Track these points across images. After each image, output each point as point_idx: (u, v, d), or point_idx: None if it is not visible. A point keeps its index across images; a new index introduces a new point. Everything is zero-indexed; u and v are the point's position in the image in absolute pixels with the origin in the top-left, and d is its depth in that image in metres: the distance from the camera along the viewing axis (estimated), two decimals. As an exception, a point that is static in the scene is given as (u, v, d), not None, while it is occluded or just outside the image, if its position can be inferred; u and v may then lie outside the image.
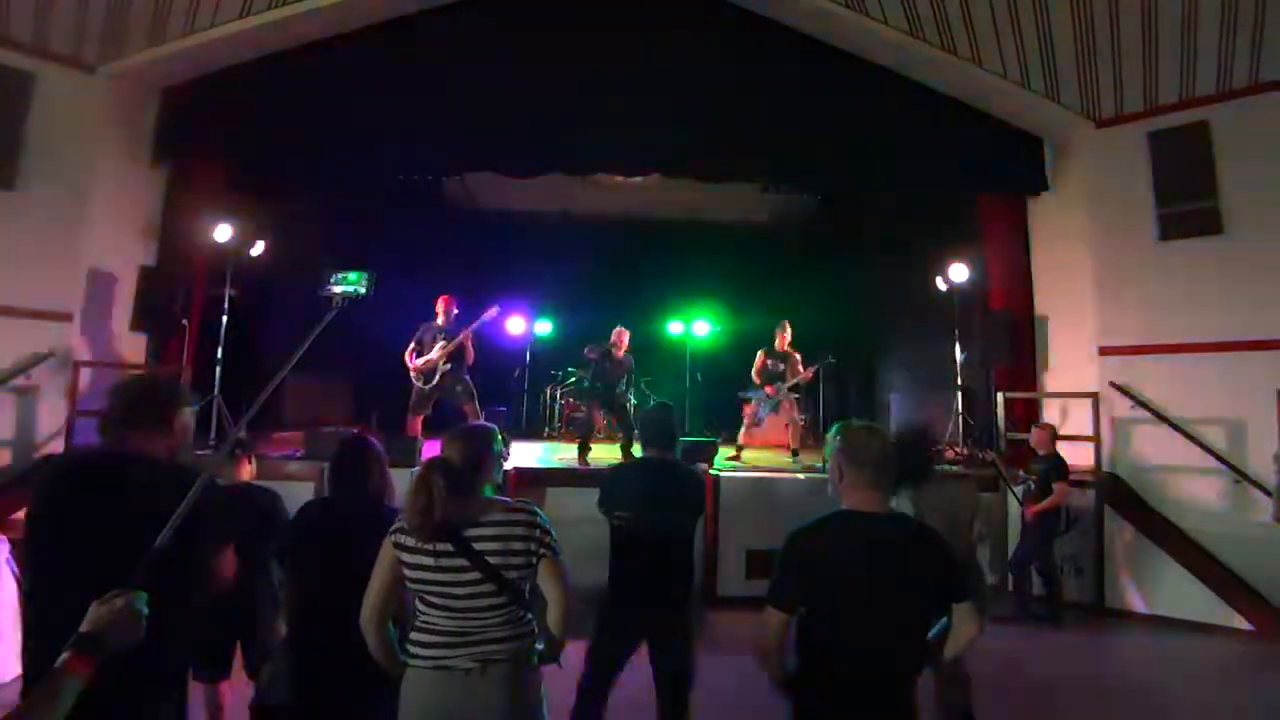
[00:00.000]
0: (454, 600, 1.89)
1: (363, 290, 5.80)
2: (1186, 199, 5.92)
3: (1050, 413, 6.57)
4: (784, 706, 1.84)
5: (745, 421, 6.96)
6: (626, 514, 2.81)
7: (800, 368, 6.84)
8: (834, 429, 1.93)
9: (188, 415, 1.85)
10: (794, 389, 6.84)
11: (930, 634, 1.86)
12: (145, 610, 1.32)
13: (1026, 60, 6.27)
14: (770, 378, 6.83)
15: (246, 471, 3.20)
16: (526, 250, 9.99)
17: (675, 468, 2.99)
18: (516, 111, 6.50)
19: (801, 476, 5.91)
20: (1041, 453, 5.48)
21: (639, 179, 7.84)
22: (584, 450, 6.53)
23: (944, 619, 1.87)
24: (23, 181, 5.62)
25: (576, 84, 6.52)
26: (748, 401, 7.00)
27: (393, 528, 1.98)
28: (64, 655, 1.21)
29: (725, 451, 6.72)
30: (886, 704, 1.75)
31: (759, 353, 6.97)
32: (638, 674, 2.83)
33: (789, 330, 6.99)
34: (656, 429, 3.04)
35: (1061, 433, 5.71)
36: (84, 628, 1.26)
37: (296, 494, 3.20)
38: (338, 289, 5.68)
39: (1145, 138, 6.13)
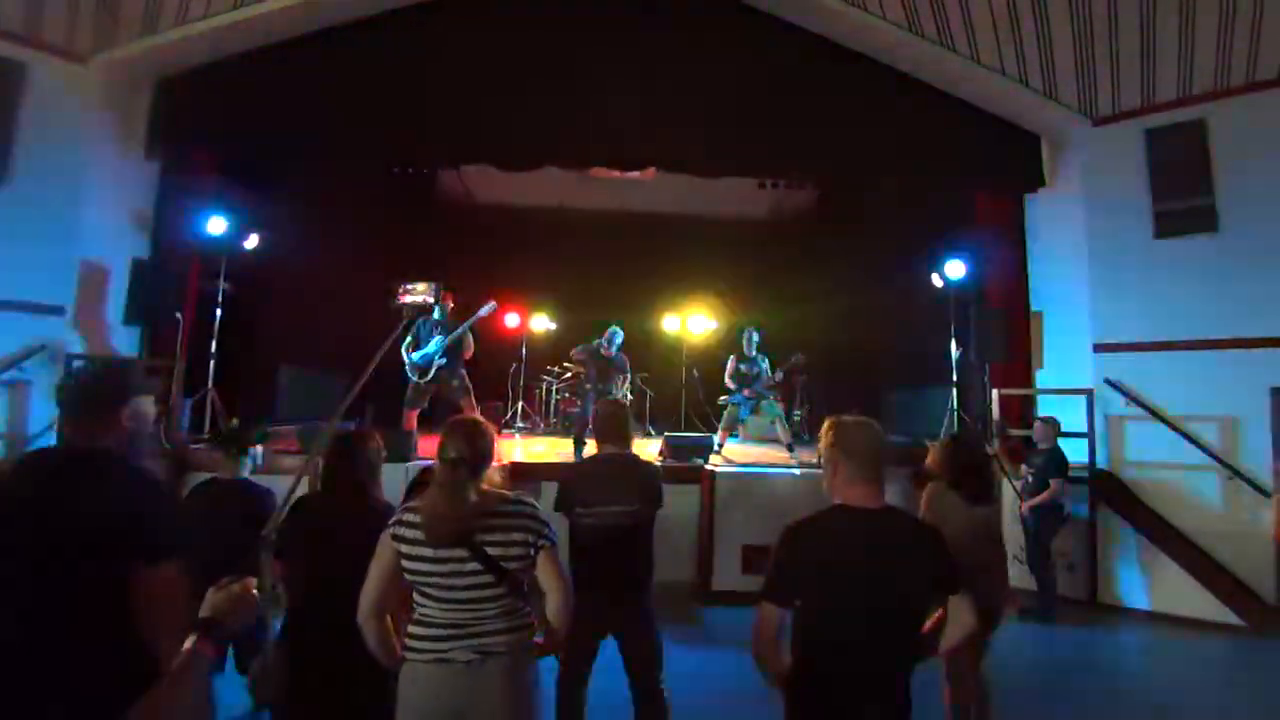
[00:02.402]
0: (453, 592, 1.89)
1: (431, 300, 5.82)
2: (1183, 196, 5.94)
3: (1044, 409, 6.58)
4: (779, 701, 1.85)
5: (724, 422, 7.07)
6: (587, 510, 2.84)
7: (768, 369, 6.99)
8: (827, 424, 1.93)
9: (138, 405, 1.76)
10: (770, 388, 6.99)
11: (925, 628, 1.87)
12: (257, 593, 1.39)
13: (1025, 57, 6.27)
14: (744, 381, 6.95)
15: (248, 467, 3.19)
16: (523, 245, 9.96)
17: (631, 461, 3.03)
18: (513, 105, 6.46)
19: (798, 472, 5.92)
20: (1042, 447, 5.50)
21: (636, 174, 7.82)
22: (579, 445, 6.53)
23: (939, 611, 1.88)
24: (14, 173, 5.56)
25: (573, 78, 6.48)
26: (727, 406, 7.13)
27: (393, 519, 1.97)
28: (191, 639, 1.28)
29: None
30: (881, 698, 1.76)
31: (730, 359, 7.13)
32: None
33: (755, 337, 7.14)
34: (610, 425, 3.06)
35: (1054, 429, 5.73)
36: (203, 613, 1.33)
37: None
38: (407, 299, 5.74)
39: (1142, 135, 6.14)
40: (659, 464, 5.21)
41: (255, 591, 1.39)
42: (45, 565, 1.41)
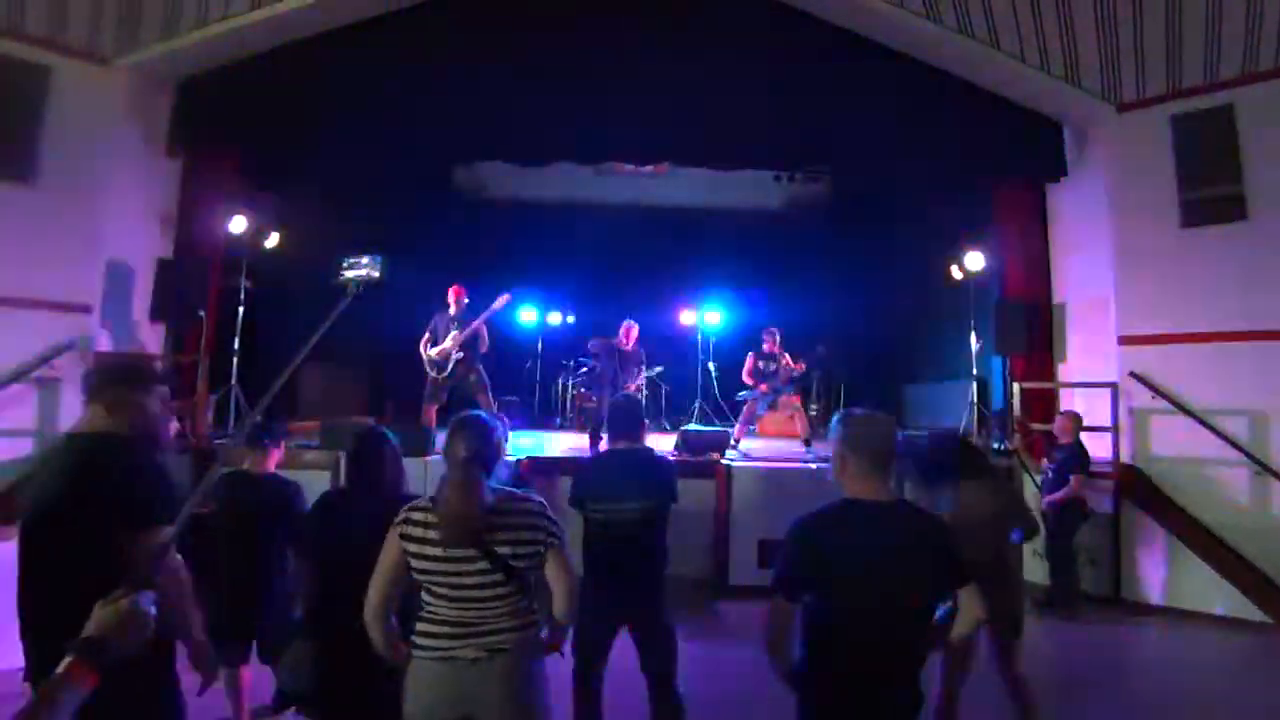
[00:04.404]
0: (461, 590, 1.90)
1: (376, 274, 5.74)
2: (1210, 184, 5.80)
3: (1067, 403, 6.49)
4: (792, 694, 1.85)
5: (742, 417, 7.06)
6: (602, 506, 2.84)
7: (791, 363, 6.98)
8: (837, 418, 1.93)
9: (151, 393, 1.85)
10: (788, 383, 6.95)
11: (935, 618, 1.87)
12: (152, 609, 1.24)
13: (1046, 43, 6.13)
14: (763, 377, 6.96)
15: (274, 461, 3.25)
16: (538, 240, 9.98)
17: (644, 456, 3.04)
18: (526, 99, 6.47)
19: (814, 467, 5.90)
20: (1063, 441, 5.41)
21: (650, 167, 7.80)
22: (595, 439, 6.56)
23: (949, 604, 1.87)
24: (41, 176, 5.68)
25: (587, 72, 6.47)
26: (745, 402, 7.12)
27: (399, 518, 1.96)
28: (65, 661, 1.11)
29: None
30: (892, 690, 1.76)
31: (749, 355, 7.12)
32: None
33: (777, 335, 7.12)
34: (624, 420, 3.07)
35: (1077, 423, 5.63)
36: (87, 631, 1.16)
37: (312, 483, 3.25)
38: (350, 273, 5.67)
39: (1168, 121, 6.00)
40: (674, 458, 5.23)
41: (151, 608, 1.23)
42: (72, 528, 1.65)
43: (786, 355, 7.05)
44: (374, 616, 1.96)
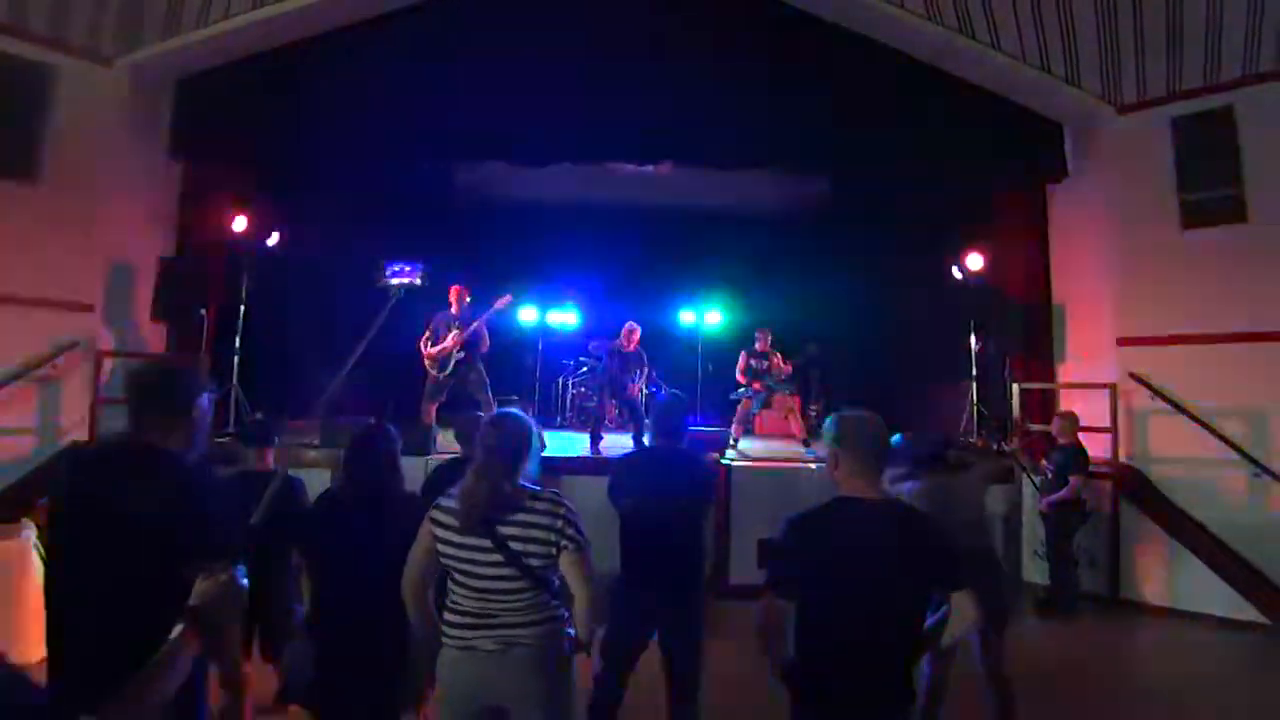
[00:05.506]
0: (477, 580, 1.93)
1: (419, 282, 5.95)
2: (1210, 186, 5.81)
3: (1066, 404, 6.50)
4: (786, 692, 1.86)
5: (736, 415, 7.11)
6: (636, 502, 2.83)
7: (781, 363, 7.01)
8: (830, 418, 1.95)
9: (204, 403, 1.85)
10: (781, 382, 7.00)
11: (929, 621, 1.88)
12: (246, 583, 1.36)
13: (1047, 44, 6.14)
14: (755, 375, 7.00)
15: (271, 458, 3.27)
16: (539, 240, 9.99)
17: (684, 456, 3.03)
18: (528, 100, 6.48)
19: (813, 466, 5.92)
20: (1061, 442, 5.42)
21: (651, 168, 7.81)
22: (595, 439, 6.58)
23: (944, 606, 1.89)
24: (43, 175, 5.70)
25: (587, 73, 6.48)
26: (740, 400, 7.15)
27: (434, 503, 2.03)
28: (178, 629, 1.25)
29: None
30: (883, 689, 1.78)
31: (741, 354, 7.18)
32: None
33: (769, 334, 7.20)
34: (666, 419, 3.07)
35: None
36: (191, 602, 1.30)
37: (313, 481, 3.26)
38: (394, 280, 5.87)
39: (1168, 123, 6.00)
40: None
41: (244, 581, 1.37)
42: (121, 553, 1.57)
43: (777, 355, 7.08)
44: (408, 595, 2.03)
